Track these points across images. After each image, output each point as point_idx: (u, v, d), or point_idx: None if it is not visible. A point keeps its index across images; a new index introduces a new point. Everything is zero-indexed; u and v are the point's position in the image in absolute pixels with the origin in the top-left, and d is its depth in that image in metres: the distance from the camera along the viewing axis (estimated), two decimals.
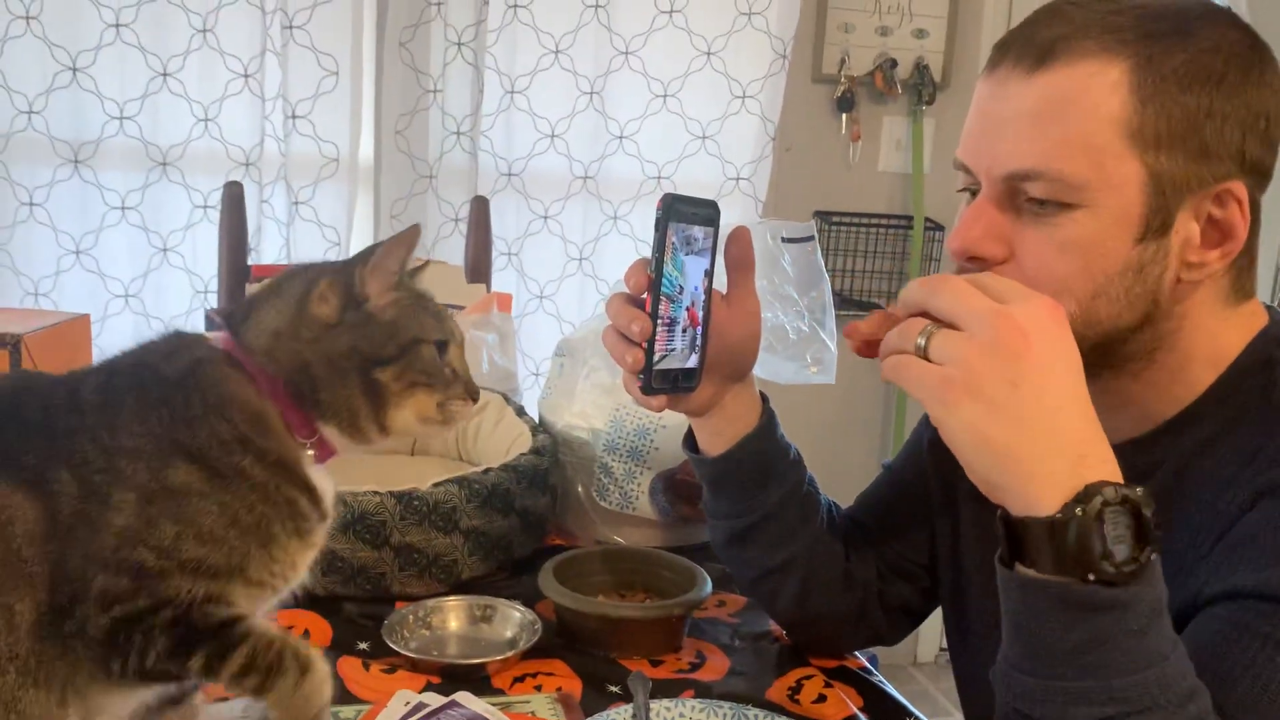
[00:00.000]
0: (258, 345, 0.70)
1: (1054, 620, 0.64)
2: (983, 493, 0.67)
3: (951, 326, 0.67)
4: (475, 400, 0.75)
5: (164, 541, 0.63)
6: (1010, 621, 0.68)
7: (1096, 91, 0.73)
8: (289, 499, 0.68)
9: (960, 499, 0.97)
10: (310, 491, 0.70)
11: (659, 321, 0.83)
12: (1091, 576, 0.62)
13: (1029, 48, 0.75)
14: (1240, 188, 0.74)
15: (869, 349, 0.77)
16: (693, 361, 0.88)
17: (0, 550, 0.61)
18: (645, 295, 0.83)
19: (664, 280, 0.82)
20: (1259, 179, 0.76)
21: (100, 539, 0.62)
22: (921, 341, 0.68)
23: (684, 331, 0.86)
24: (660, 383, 0.85)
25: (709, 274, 0.88)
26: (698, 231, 0.85)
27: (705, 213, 0.86)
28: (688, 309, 0.86)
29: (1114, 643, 0.63)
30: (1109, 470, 0.65)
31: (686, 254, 0.84)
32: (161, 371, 0.69)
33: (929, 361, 0.67)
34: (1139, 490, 0.63)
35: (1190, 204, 0.74)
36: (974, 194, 0.80)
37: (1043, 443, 0.64)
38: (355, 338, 0.71)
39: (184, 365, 0.69)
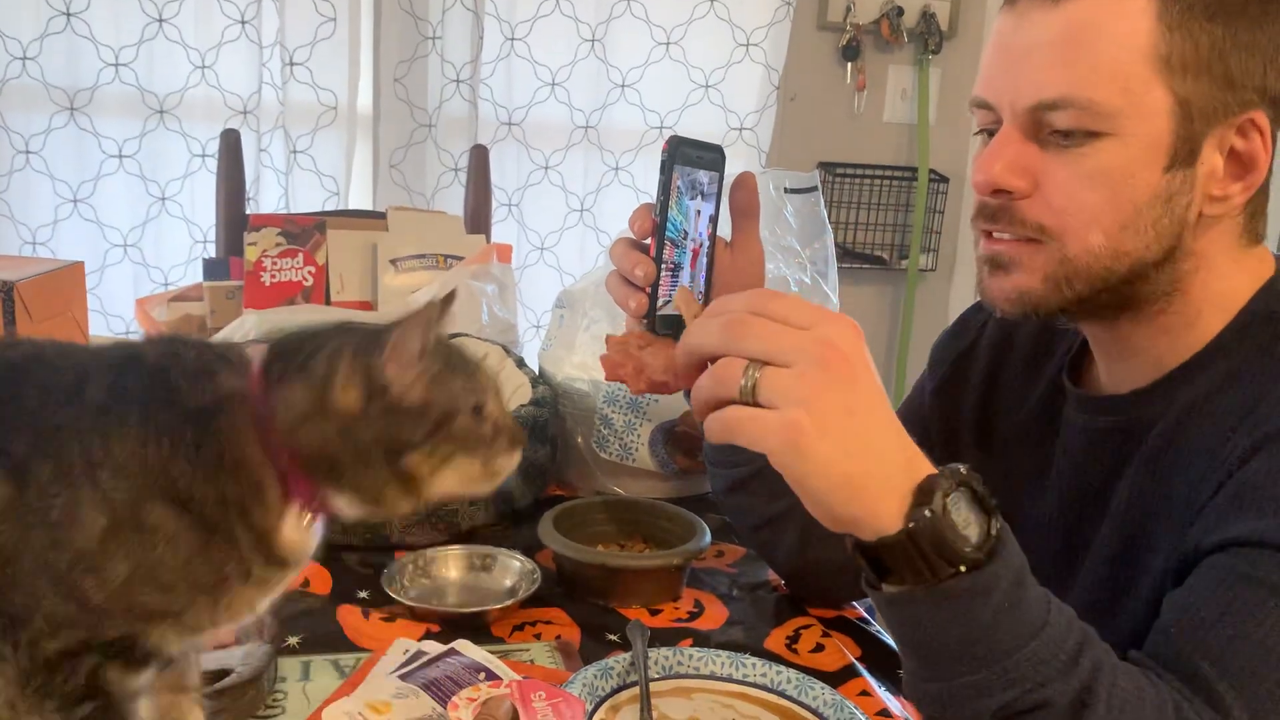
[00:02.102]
0: (284, 421, 0.64)
1: (931, 623, 0.64)
2: (830, 528, 0.66)
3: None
4: (522, 445, 0.70)
5: (114, 579, 0.61)
6: (897, 639, 0.68)
7: (1124, 18, 0.72)
8: (249, 568, 0.65)
9: (963, 450, 0.97)
10: (282, 563, 0.67)
11: (663, 266, 0.82)
12: (961, 568, 0.62)
13: None
14: (1263, 118, 0.74)
15: (615, 374, 0.79)
16: None
17: None
18: (649, 239, 0.82)
19: (668, 224, 0.81)
20: (1278, 114, 0.75)
21: (58, 553, 0.60)
22: (747, 384, 0.64)
23: (689, 276, 0.85)
24: (664, 328, 0.84)
25: (713, 220, 0.87)
26: (703, 176, 0.84)
27: (711, 157, 0.84)
28: (691, 254, 0.85)
29: (992, 625, 0.63)
30: (927, 464, 0.65)
31: (691, 198, 0.83)
32: (182, 395, 0.63)
33: (759, 406, 0.64)
34: (962, 468, 0.64)
35: (1215, 134, 0.74)
36: (992, 135, 0.79)
37: (886, 462, 0.64)
38: (382, 427, 0.65)
39: (208, 400, 0.64)
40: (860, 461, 0.63)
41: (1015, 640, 0.63)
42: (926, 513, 0.62)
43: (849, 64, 2.71)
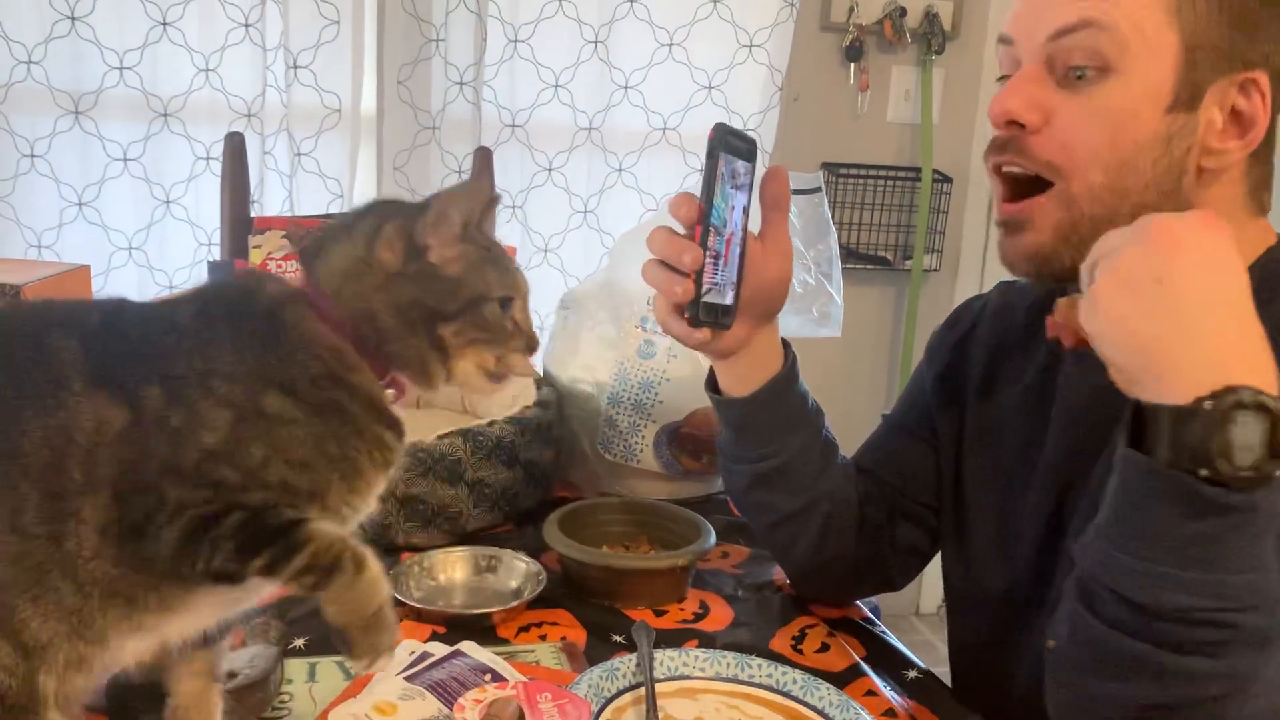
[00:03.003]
0: (328, 287, 0.71)
1: (1171, 510, 0.64)
2: (1120, 387, 0.67)
3: None
4: (534, 352, 0.76)
5: (251, 463, 0.64)
6: (1123, 503, 0.68)
7: None
8: (377, 436, 0.69)
9: (966, 431, 0.99)
10: (395, 426, 0.71)
11: (706, 253, 0.82)
12: (1204, 472, 0.62)
13: None
14: (1264, 79, 0.77)
15: (1055, 328, 0.77)
16: (729, 298, 0.88)
17: (71, 449, 0.62)
18: (695, 226, 0.82)
19: (712, 211, 0.81)
20: None
21: (184, 454, 0.63)
22: (1086, 277, 0.69)
23: (725, 267, 0.85)
24: (706, 315, 0.84)
25: (746, 211, 0.87)
26: (740, 166, 0.84)
27: (748, 147, 0.85)
28: (726, 243, 0.85)
29: (1227, 542, 0.63)
30: (1261, 379, 0.64)
31: (730, 187, 0.83)
32: (251, 303, 0.69)
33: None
34: None
35: (1219, 86, 0.77)
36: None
37: (1185, 337, 0.64)
38: (419, 290, 0.70)
39: (270, 299, 0.70)
40: (1155, 325, 0.64)
41: (1238, 564, 0.64)
42: (1207, 404, 0.62)
43: (852, 65, 2.71)
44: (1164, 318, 0.64)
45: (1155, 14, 0.76)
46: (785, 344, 0.99)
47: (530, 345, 0.75)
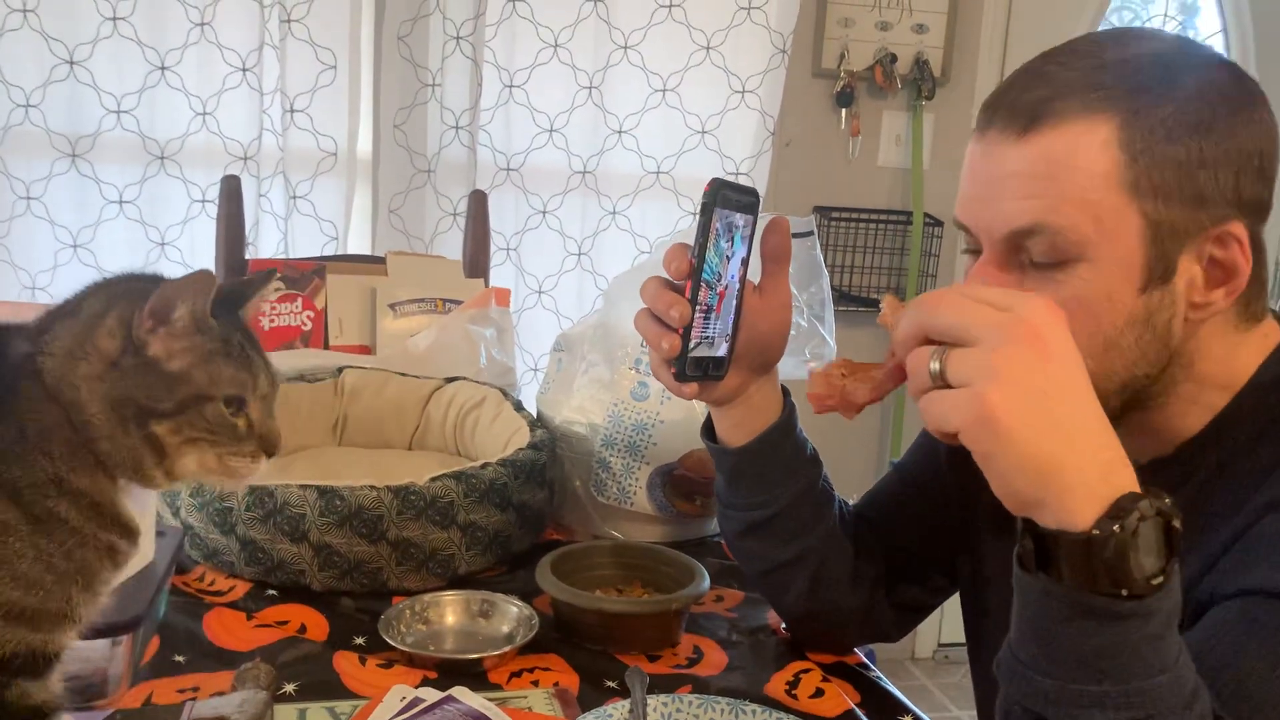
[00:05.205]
0: (54, 372, 0.65)
1: (1075, 627, 0.63)
2: (1010, 510, 0.65)
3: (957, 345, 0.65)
4: (271, 455, 0.71)
5: None
6: (1027, 624, 0.66)
7: (1087, 151, 0.72)
8: (107, 543, 0.66)
9: (982, 529, 0.97)
10: (126, 528, 0.67)
11: (696, 308, 0.82)
12: (1124, 592, 0.61)
13: (1015, 112, 0.74)
14: (1239, 227, 0.74)
15: (824, 405, 0.77)
16: (723, 350, 0.88)
17: None
18: (685, 280, 0.82)
19: (704, 266, 0.82)
20: (1258, 215, 0.75)
21: None
22: (935, 366, 0.65)
23: (717, 319, 0.86)
24: (693, 370, 0.84)
25: (744, 263, 0.87)
26: (739, 219, 0.85)
27: (748, 200, 0.85)
28: (719, 297, 0.85)
29: (1134, 649, 0.62)
30: (1131, 477, 0.63)
31: (727, 241, 0.84)
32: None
33: (949, 387, 0.64)
34: (1168, 501, 0.62)
35: (1191, 249, 0.74)
36: (975, 253, 0.80)
37: (1077, 454, 0.62)
38: (132, 385, 0.65)
39: (13, 365, 0.65)
40: (1052, 444, 0.62)
41: (1148, 669, 0.62)
42: (1117, 528, 0.60)
43: (843, 110, 2.74)
44: (1056, 434, 0.62)
45: (1111, 197, 0.72)
46: (785, 392, 0.99)
47: (265, 448, 0.70)
